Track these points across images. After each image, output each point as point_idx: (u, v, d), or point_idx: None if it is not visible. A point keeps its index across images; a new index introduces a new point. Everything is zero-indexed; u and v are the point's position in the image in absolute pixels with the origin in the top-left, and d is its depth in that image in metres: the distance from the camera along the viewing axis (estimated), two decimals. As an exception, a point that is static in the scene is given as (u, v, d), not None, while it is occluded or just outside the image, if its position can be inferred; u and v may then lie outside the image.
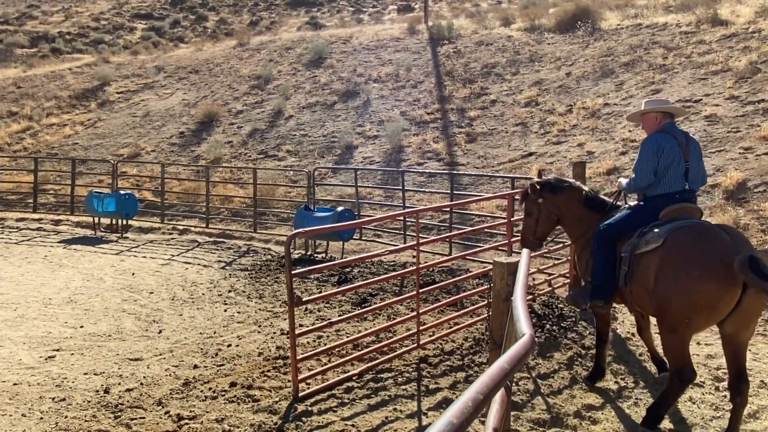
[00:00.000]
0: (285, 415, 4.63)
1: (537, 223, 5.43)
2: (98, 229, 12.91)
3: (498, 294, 3.36)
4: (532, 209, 5.44)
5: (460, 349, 5.93)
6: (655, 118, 4.86)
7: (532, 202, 5.41)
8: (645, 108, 4.93)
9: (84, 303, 7.70)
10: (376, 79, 18.17)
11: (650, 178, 4.66)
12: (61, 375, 5.39)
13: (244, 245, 11.47)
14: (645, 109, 4.93)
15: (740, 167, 9.54)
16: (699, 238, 4.23)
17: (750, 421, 4.67)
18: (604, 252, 4.76)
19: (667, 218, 4.57)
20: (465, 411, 1.18)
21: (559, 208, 5.35)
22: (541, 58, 16.70)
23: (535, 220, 5.43)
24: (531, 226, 5.48)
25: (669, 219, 4.55)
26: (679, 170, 4.66)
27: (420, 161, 13.65)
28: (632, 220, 4.70)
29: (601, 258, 4.75)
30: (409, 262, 9.19)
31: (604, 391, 5.11)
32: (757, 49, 12.94)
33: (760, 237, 8.05)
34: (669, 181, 4.68)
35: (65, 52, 31.61)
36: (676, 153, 4.66)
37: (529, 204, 5.44)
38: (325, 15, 37.28)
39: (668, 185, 4.68)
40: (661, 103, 4.99)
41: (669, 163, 4.64)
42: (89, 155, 17.38)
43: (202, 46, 25.77)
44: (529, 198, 5.43)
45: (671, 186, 4.69)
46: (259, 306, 7.56)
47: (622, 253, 4.61)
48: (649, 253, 4.34)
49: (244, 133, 16.91)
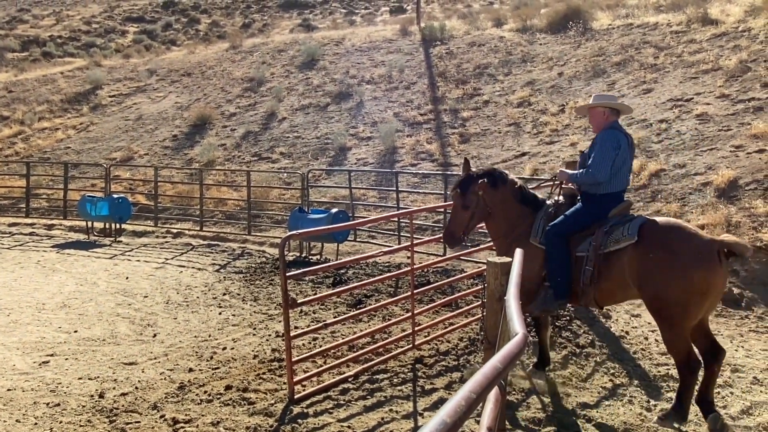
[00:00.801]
0: (281, 418, 4.63)
1: (471, 218, 5.08)
2: (91, 233, 12.86)
3: (492, 294, 3.37)
4: (470, 202, 5.05)
5: (456, 349, 5.94)
6: (603, 113, 4.88)
7: (473, 194, 5.04)
8: (594, 102, 4.94)
9: (78, 307, 7.67)
10: (369, 81, 18.19)
11: (608, 173, 4.65)
12: (55, 380, 5.37)
13: (238, 248, 11.45)
14: (594, 103, 4.94)
15: (731, 165, 9.60)
16: (675, 231, 4.38)
17: (743, 417, 4.71)
18: (561, 251, 4.67)
19: (616, 216, 4.65)
20: (458, 410, 1.19)
21: (495, 203, 5.03)
22: (533, 59, 16.76)
23: (470, 215, 5.06)
24: (464, 221, 5.09)
25: (620, 216, 4.64)
26: (627, 169, 4.81)
27: (414, 162, 13.67)
28: (584, 218, 4.69)
29: (559, 258, 4.66)
30: (404, 263, 9.20)
31: (599, 390, 5.14)
32: (746, 47, 13.03)
33: (752, 234, 8.10)
34: (621, 179, 4.76)
35: (57, 55, 31.45)
36: (626, 152, 4.75)
37: (469, 196, 5.04)
38: (317, 17, 37.27)
39: (620, 183, 4.77)
40: (609, 99, 5.05)
41: (623, 161, 4.73)
42: (82, 159, 17.30)
43: (195, 49, 25.71)
44: (471, 190, 5.04)
45: (622, 184, 4.79)
46: (254, 309, 7.56)
47: (579, 252, 4.61)
48: (622, 250, 4.42)
49: (238, 136, 16.88)
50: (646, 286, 4.34)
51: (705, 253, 4.20)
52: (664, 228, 4.41)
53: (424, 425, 1.15)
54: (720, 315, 7.15)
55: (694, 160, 10.22)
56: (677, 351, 4.35)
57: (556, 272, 4.70)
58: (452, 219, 5.20)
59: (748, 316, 7.06)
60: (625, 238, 4.42)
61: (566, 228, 4.70)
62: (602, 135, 4.76)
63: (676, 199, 9.46)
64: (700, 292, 4.21)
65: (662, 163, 10.40)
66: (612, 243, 4.48)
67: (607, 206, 4.69)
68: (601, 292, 4.59)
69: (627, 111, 5.27)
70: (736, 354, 5.97)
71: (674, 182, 9.88)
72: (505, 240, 5.04)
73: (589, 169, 4.68)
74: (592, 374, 5.42)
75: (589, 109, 5.01)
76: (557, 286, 4.70)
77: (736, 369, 5.53)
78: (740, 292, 7.41)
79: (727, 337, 6.52)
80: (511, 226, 5.02)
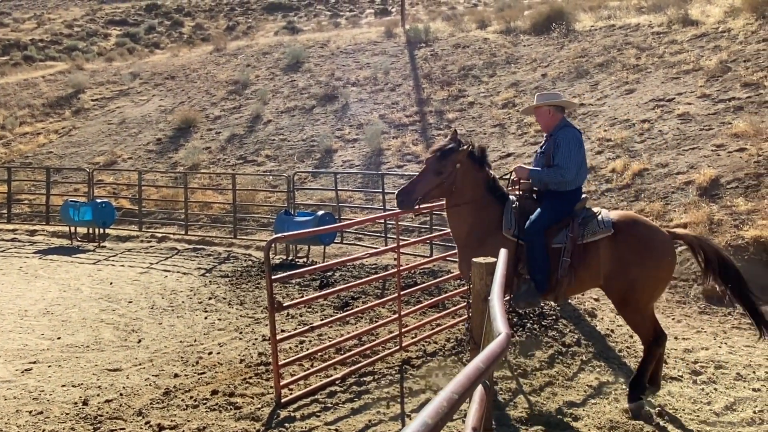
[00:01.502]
0: (268, 422, 4.60)
1: (438, 186, 4.82)
2: (75, 238, 12.71)
3: (477, 294, 3.39)
4: (444, 169, 4.81)
5: (443, 350, 5.95)
6: (549, 112, 5.00)
7: (451, 162, 4.81)
8: (539, 101, 5.07)
9: (61, 314, 7.57)
10: (355, 83, 18.18)
11: (575, 171, 4.83)
12: (38, 388, 5.30)
13: (224, 252, 11.38)
14: (539, 103, 5.05)
15: (713, 164, 9.73)
16: (643, 225, 4.82)
17: (727, 413, 4.76)
18: (542, 245, 4.74)
19: (580, 209, 4.86)
20: (440, 411, 1.18)
21: (467, 182, 4.85)
22: (517, 60, 16.86)
23: (439, 182, 4.80)
24: (429, 186, 4.81)
25: (584, 210, 4.86)
26: (586, 165, 5.10)
27: (400, 164, 13.68)
28: (559, 213, 4.82)
29: (541, 252, 4.73)
30: (391, 264, 9.20)
31: (585, 388, 5.17)
32: (726, 48, 13.22)
33: (734, 233, 8.21)
34: (582, 175, 4.99)
35: (38, 59, 31.07)
36: (584, 149, 4.99)
37: (446, 164, 4.81)
38: (302, 19, 37.19)
39: (582, 179, 4.99)
40: (553, 97, 5.16)
41: (583, 157, 4.95)
42: (64, 164, 17.10)
43: (178, 52, 25.53)
44: (451, 158, 4.82)
45: (583, 179, 5.02)
46: (240, 312, 7.51)
47: (556, 244, 4.75)
48: (599, 241, 4.69)
49: (223, 139, 16.79)
50: (619, 275, 4.66)
51: (670, 244, 4.76)
52: (633, 222, 4.80)
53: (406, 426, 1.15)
54: (704, 312, 7.23)
55: (676, 159, 10.34)
56: (646, 331, 4.77)
57: (539, 266, 4.74)
58: (417, 180, 4.88)
59: (731, 312, 7.15)
60: (602, 231, 4.69)
61: (547, 223, 4.78)
62: (564, 135, 4.89)
63: (659, 198, 9.56)
64: (666, 279, 4.85)
65: (645, 162, 10.51)
66: (589, 234, 4.71)
67: (575, 201, 4.89)
68: (578, 281, 4.77)
69: (571, 107, 5.52)
70: (719, 350, 6.04)
71: (657, 181, 9.99)
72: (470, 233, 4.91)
73: (558, 169, 4.80)
74: (578, 373, 5.45)
75: (534, 109, 5.13)
76: (540, 279, 4.77)
77: (720, 365, 5.60)
78: (723, 289, 7.49)
79: (710, 333, 6.59)
80: (476, 210, 4.90)
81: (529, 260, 4.77)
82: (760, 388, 5.13)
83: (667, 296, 7.65)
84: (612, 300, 4.93)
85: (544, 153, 4.93)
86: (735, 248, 7.96)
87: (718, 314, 7.15)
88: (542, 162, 4.94)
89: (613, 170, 10.66)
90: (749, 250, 7.90)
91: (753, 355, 5.92)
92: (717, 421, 4.63)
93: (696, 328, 6.77)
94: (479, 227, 4.89)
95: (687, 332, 6.62)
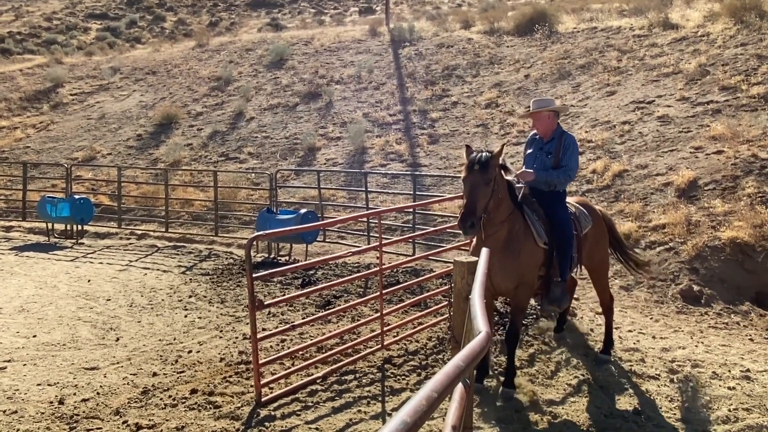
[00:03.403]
0: (247, 421, 4.57)
1: (492, 196, 4.63)
2: (52, 235, 12.50)
3: (459, 293, 3.39)
4: (490, 177, 4.60)
5: (424, 349, 5.96)
6: (549, 117, 5.27)
7: (493, 168, 4.63)
8: (539, 107, 5.30)
9: (37, 312, 7.44)
10: (339, 81, 18.13)
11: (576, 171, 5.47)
12: (12, 386, 5.19)
13: (205, 249, 11.27)
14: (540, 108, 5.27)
15: (691, 166, 9.87)
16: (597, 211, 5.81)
17: (703, 411, 4.83)
18: (572, 248, 5.15)
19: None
20: (419, 410, 1.18)
21: (503, 187, 4.79)
22: (501, 61, 16.95)
23: (491, 191, 4.61)
24: (485, 198, 4.57)
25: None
26: None
27: (383, 162, 13.68)
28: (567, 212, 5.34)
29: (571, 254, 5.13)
30: (373, 263, 9.19)
31: (565, 387, 5.21)
32: (705, 51, 13.42)
33: (711, 233, 8.34)
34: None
35: (15, 52, 30.47)
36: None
37: (491, 171, 4.61)
38: (286, 16, 36.97)
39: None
40: (551, 103, 5.42)
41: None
42: (42, 159, 16.81)
43: (160, 47, 25.23)
44: (492, 164, 4.63)
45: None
46: (220, 311, 7.45)
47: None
48: (587, 232, 5.51)
49: (204, 136, 16.63)
50: (596, 254, 5.68)
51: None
52: (592, 208, 5.80)
53: (385, 425, 1.14)
54: (680, 312, 7.34)
55: (655, 161, 10.48)
56: (609, 294, 5.96)
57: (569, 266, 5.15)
58: (472, 198, 4.53)
59: (707, 312, 7.26)
60: (588, 223, 5.50)
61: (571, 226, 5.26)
62: (570, 138, 5.29)
63: (639, 199, 9.67)
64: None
65: (625, 163, 10.63)
66: (584, 227, 5.45)
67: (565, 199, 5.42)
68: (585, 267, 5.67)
69: (565, 111, 6.25)
70: (696, 350, 6.13)
71: (636, 182, 10.11)
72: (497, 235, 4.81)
73: (567, 170, 5.19)
74: (557, 371, 5.50)
75: (534, 114, 5.30)
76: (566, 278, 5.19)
77: (696, 364, 5.68)
78: (700, 289, 7.62)
79: (687, 333, 6.69)
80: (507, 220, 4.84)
81: (562, 263, 5.05)
82: (735, 387, 5.21)
83: (645, 296, 7.75)
84: (591, 274, 5.93)
85: (551, 154, 5.19)
86: (711, 249, 8.09)
87: (695, 314, 7.26)
88: (551, 163, 5.19)
89: (593, 171, 10.77)
90: (725, 251, 8.03)
91: (728, 354, 6.03)
92: (693, 419, 4.70)
93: (673, 327, 6.87)
94: (515, 237, 4.87)
95: (664, 331, 6.71)
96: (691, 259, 8.07)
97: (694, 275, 7.85)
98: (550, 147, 5.21)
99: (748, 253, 7.97)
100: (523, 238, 4.89)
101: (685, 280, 7.78)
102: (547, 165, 5.17)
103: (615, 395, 5.09)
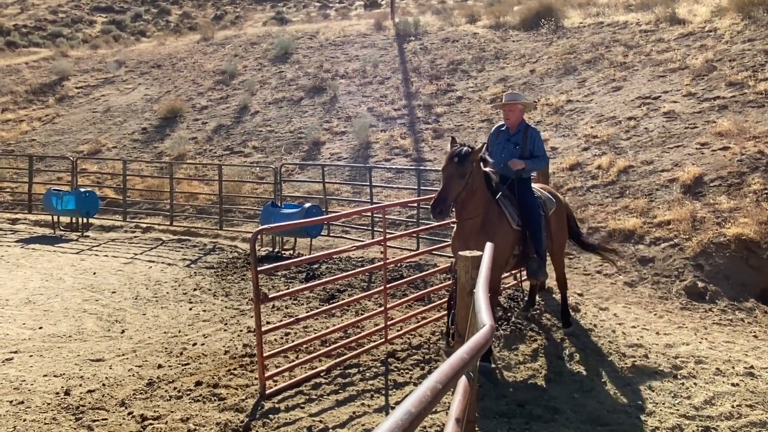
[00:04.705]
0: (252, 413, 4.59)
1: (464, 188, 5.08)
2: (57, 227, 12.56)
3: (463, 288, 3.39)
4: (467, 171, 5.07)
5: (428, 343, 5.97)
6: (520, 110, 5.85)
7: (469, 163, 5.09)
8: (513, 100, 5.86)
9: (43, 303, 7.48)
10: (343, 75, 18.10)
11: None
12: (19, 377, 5.24)
13: (209, 243, 11.31)
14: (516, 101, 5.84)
15: (697, 162, 9.83)
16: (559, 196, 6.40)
17: (706, 407, 4.84)
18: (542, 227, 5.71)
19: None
20: (423, 400, 1.19)
21: (480, 180, 5.26)
22: (506, 56, 16.89)
23: (464, 184, 5.07)
24: (457, 189, 5.05)
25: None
26: None
27: (387, 157, 13.67)
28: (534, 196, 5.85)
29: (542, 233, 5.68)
30: (377, 257, 9.20)
31: (568, 382, 5.22)
32: (712, 47, 13.34)
33: (716, 230, 8.32)
34: None
35: (21, 45, 30.54)
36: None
37: (467, 165, 5.07)
38: (291, 10, 36.90)
39: None
40: (520, 98, 6.08)
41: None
42: (47, 152, 16.86)
43: (165, 41, 25.23)
44: (469, 159, 5.08)
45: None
46: (225, 304, 7.48)
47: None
48: (551, 214, 6.04)
49: (209, 129, 16.65)
50: (558, 236, 6.16)
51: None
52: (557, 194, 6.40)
53: (390, 414, 1.15)
54: (685, 308, 7.33)
55: (661, 157, 10.44)
56: (565, 275, 6.48)
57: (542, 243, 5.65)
58: (446, 187, 5.06)
59: (711, 309, 7.25)
60: (553, 205, 6.11)
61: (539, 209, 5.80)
62: (536, 131, 5.90)
63: (644, 195, 9.65)
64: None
65: (630, 159, 10.59)
66: (549, 209, 6.00)
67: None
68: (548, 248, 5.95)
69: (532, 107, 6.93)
70: (700, 346, 6.13)
71: (642, 178, 10.08)
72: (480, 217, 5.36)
73: (543, 159, 5.82)
74: (560, 367, 5.50)
75: (508, 105, 5.86)
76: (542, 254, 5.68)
77: (700, 360, 5.68)
78: (704, 285, 7.61)
79: (691, 329, 6.68)
80: (483, 207, 5.34)
81: (535, 241, 5.59)
82: (738, 383, 5.21)
83: (649, 292, 7.74)
84: (552, 253, 6.26)
85: (519, 145, 5.76)
86: (717, 245, 8.07)
87: (699, 310, 7.25)
88: (518, 153, 5.76)
89: (599, 167, 10.74)
90: (731, 247, 8.01)
91: (732, 351, 6.02)
92: (696, 415, 4.70)
93: (677, 323, 6.86)
94: (490, 221, 5.38)
95: (668, 328, 6.71)
96: (695, 255, 8.05)
97: (698, 272, 7.83)
98: (516, 138, 5.79)
99: (753, 249, 7.95)
100: (498, 222, 5.41)
101: (689, 277, 7.76)
102: (514, 154, 5.74)
103: (618, 391, 5.09)
